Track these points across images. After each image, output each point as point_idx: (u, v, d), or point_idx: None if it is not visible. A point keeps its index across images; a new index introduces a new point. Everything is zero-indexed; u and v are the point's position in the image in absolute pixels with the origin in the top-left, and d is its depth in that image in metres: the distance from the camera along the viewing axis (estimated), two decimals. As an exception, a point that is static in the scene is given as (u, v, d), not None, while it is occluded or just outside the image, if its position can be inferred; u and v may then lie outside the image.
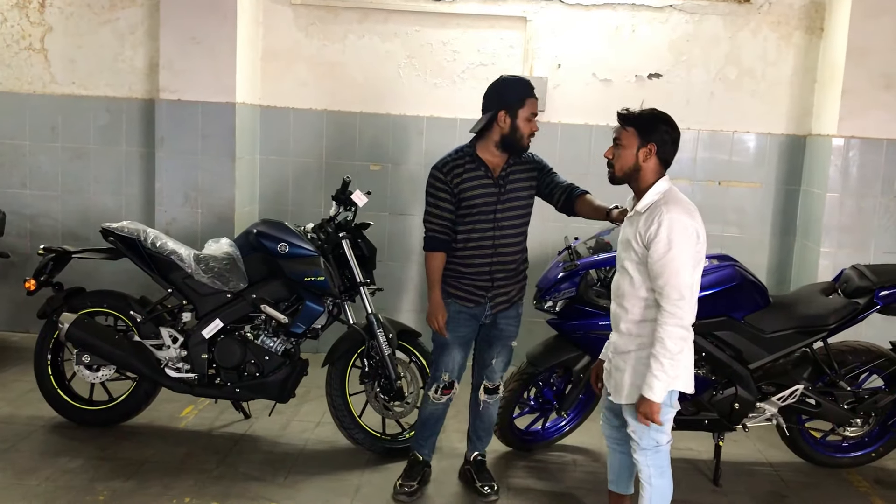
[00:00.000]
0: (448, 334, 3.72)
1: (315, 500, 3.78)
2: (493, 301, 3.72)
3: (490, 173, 3.62)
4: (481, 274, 3.67)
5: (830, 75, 5.37)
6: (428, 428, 3.93)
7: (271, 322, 4.22)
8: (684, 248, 2.92)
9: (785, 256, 5.76)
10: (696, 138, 5.69)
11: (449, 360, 3.77)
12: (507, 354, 3.87)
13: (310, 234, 4.24)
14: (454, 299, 3.72)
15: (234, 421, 4.62)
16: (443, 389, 3.80)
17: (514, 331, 3.84)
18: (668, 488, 3.21)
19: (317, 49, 5.76)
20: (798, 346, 4.04)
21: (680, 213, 2.94)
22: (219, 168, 5.52)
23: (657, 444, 3.16)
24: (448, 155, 3.69)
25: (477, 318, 3.76)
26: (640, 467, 3.20)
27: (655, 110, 3.14)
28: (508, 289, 3.75)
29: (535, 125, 3.61)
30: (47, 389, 4.43)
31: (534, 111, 3.59)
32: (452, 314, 3.72)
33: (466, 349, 3.83)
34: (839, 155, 5.23)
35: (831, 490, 4.17)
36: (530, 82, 3.66)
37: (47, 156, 5.90)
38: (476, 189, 3.60)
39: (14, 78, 5.85)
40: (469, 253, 3.66)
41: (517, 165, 3.69)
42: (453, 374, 3.79)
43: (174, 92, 5.50)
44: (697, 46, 5.63)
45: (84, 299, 4.39)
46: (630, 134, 3.07)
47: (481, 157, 3.63)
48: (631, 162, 3.07)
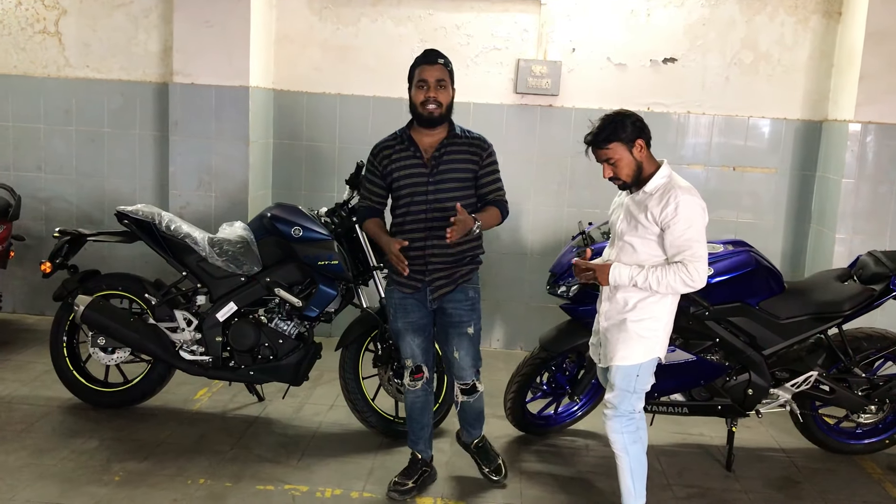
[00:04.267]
0: (398, 322, 3.66)
1: (328, 482, 3.80)
2: (431, 285, 3.59)
3: (420, 154, 3.56)
4: (416, 257, 3.54)
5: (848, 60, 5.31)
6: (415, 420, 3.78)
7: (285, 305, 4.24)
8: (700, 224, 3.14)
9: (800, 242, 5.72)
10: (710, 123, 5.65)
11: (406, 347, 3.68)
12: (468, 346, 3.65)
13: (323, 218, 4.25)
14: (395, 286, 3.67)
15: (248, 403, 4.65)
16: (412, 375, 3.68)
17: (465, 315, 3.63)
18: (643, 454, 3.35)
19: (330, 33, 5.74)
20: (813, 333, 4.02)
21: (690, 194, 3.14)
22: (232, 152, 5.53)
23: (633, 410, 3.31)
24: (384, 138, 3.69)
25: (424, 305, 3.64)
26: (613, 437, 3.33)
27: (609, 115, 3.22)
28: (449, 271, 3.59)
29: (431, 91, 3.47)
30: (63, 371, 4.47)
31: (422, 77, 3.49)
32: (398, 301, 3.66)
33: (423, 333, 3.68)
34: (856, 140, 5.19)
35: (844, 476, 4.16)
36: (430, 51, 3.58)
37: (62, 139, 5.92)
38: (405, 170, 3.57)
39: (29, 61, 5.87)
40: (404, 236, 3.55)
41: (454, 146, 3.58)
42: (417, 359, 3.67)
43: (188, 75, 5.50)
44: (713, 30, 5.58)
45: (99, 282, 4.41)
46: (615, 147, 3.18)
47: (414, 138, 3.59)
48: (633, 166, 3.21)
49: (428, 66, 3.52)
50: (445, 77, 3.53)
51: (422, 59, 3.56)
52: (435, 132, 3.58)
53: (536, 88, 5.58)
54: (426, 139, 3.58)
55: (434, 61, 3.53)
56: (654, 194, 3.17)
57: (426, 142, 3.58)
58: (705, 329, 3.90)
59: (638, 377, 3.26)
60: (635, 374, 3.26)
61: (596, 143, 3.19)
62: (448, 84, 3.54)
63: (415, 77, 3.54)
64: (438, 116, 3.52)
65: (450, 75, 3.56)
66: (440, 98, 3.50)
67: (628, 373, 3.26)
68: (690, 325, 3.86)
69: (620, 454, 3.33)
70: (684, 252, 3.11)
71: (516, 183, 5.19)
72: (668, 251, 3.15)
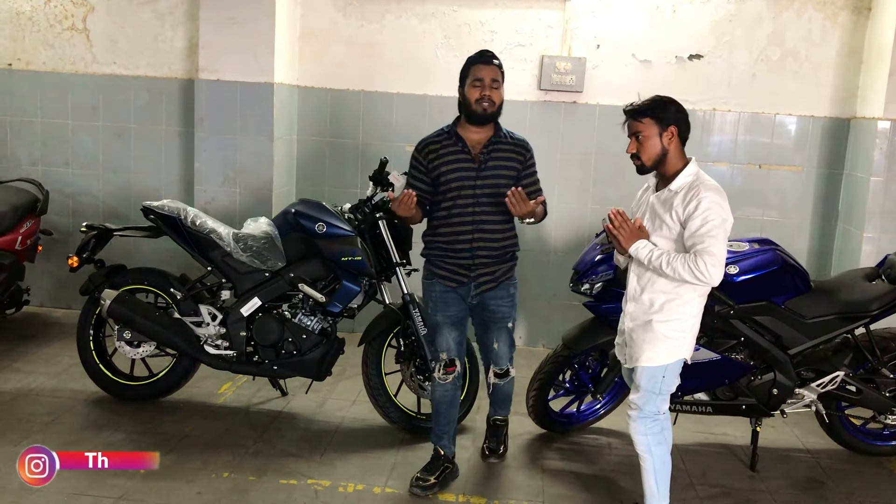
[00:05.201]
0: (438, 315, 3.75)
1: (351, 478, 3.81)
2: (476, 281, 3.70)
3: (468, 150, 3.66)
4: (462, 252, 3.67)
5: (877, 56, 5.24)
6: (441, 415, 3.83)
7: (308, 301, 4.26)
8: (719, 222, 3.05)
9: (826, 241, 5.66)
10: (736, 120, 5.60)
11: (443, 340, 3.76)
12: (506, 338, 3.83)
13: (347, 215, 4.26)
14: (438, 279, 3.75)
15: (272, 398, 4.68)
16: (445, 368, 3.76)
17: (507, 311, 3.80)
18: (667, 456, 3.32)
19: (354, 29, 5.75)
20: (839, 332, 3.98)
21: (716, 194, 3.08)
22: (257, 148, 5.56)
23: (658, 412, 3.28)
24: (429, 134, 3.78)
25: (464, 299, 3.75)
26: (637, 438, 3.31)
27: (660, 96, 3.21)
28: (493, 268, 3.72)
29: (486, 90, 3.58)
30: (89, 364, 4.52)
31: (478, 76, 3.60)
32: (439, 294, 3.75)
33: (460, 327, 3.80)
34: (885, 138, 5.12)
35: (870, 478, 4.12)
36: (484, 52, 3.70)
37: (89, 135, 5.98)
38: (452, 164, 3.66)
39: (57, 58, 5.93)
40: (450, 230, 3.68)
41: (500, 144, 3.70)
42: (451, 353, 3.76)
43: (213, 72, 5.54)
44: (740, 27, 5.53)
45: (125, 276, 4.46)
46: (648, 124, 3.16)
47: (461, 135, 3.69)
48: (658, 149, 3.17)
49: (484, 65, 3.63)
50: (499, 77, 3.64)
51: (477, 59, 3.67)
52: (482, 130, 3.68)
53: (560, 85, 5.56)
54: (473, 136, 3.68)
55: (490, 61, 3.64)
56: (679, 192, 3.13)
57: (473, 139, 3.68)
58: (730, 328, 3.87)
59: (664, 378, 3.23)
60: (661, 376, 3.22)
61: (633, 113, 3.19)
62: (500, 84, 3.65)
63: (469, 75, 3.64)
64: (490, 114, 3.63)
65: (502, 76, 3.67)
66: (494, 97, 3.61)
67: (654, 374, 3.23)
68: (715, 324, 3.84)
69: (644, 455, 3.31)
70: (699, 246, 3.04)
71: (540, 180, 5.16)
72: (686, 245, 3.10)
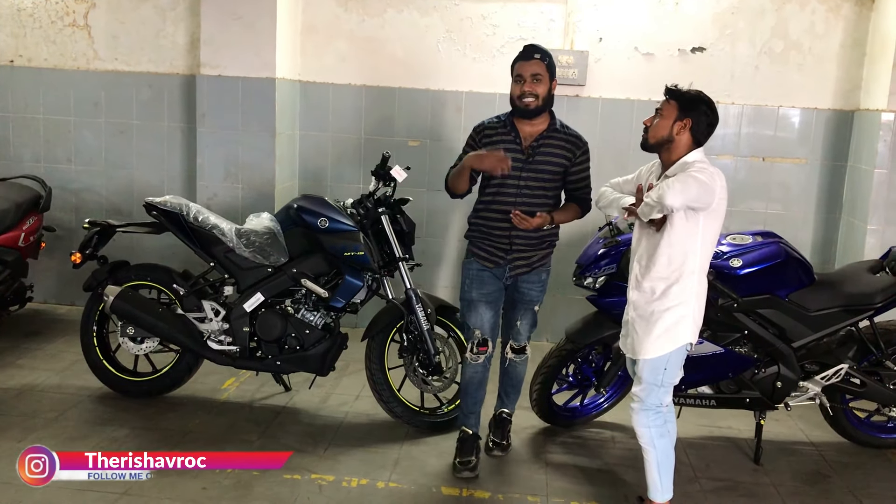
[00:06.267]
0: (473, 292, 3.86)
1: (355, 472, 3.82)
2: (511, 264, 3.83)
3: (520, 141, 3.76)
4: (501, 237, 3.80)
5: (881, 48, 5.22)
6: (470, 395, 3.95)
7: (311, 296, 4.25)
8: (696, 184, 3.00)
9: (830, 234, 5.65)
10: (740, 113, 5.59)
11: (477, 318, 3.86)
12: (530, 318, 3.97)
13: (349, 210, 4.25)
14: (475, 258, 3.89)
15: (275, 393, 4.68)
16: (478, 346, 3.87)
17: (536, 295, 3.93)
18: (670, 448, 3.32)
19: (356, 24, 5.74)
20: (843, 325, 3.98)
21: (706, 166, 3.10)
22: (259, 143, 5.55)
23: (660, 403, 3.28)
24: (489, 118, 3.90)
25: (499, 279, 3.86)
26: (640, 430, 3.31)
27: (702, 92, 3.23)
28: (528, 254, 3.84)
29: (528, 85, 3.67)
30: (93, 361, 4.53)
31: (520, 73, 3.70)
32: (475, 272, 3.88)
33: (494, 308, 3.90)
34: (888, 130, 5.10)
35: (875, 471, 4.11)
36: (529, 46, 3.77)
37: (91, 131, 5.98)
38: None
39: (59, 54, 5.93)
40: (492, 215, 3.81)
41: (552, 139, 3.77)
42: (485, 332, 3.86)
43: (215, 67, 5.53)
44: (742, 19, 5.50)
45: (128, 272, 4.46)
46: (671, 106, 3.19)
47: (516, 126, 3.79)
48: (665, 132, 3.18)
49: (524, 61, 3.72)
50: (541, 71, 3.69)
51: (519, 56, 3.76)
52: (536, 122, 3.77)
53: (563, 79, 5.53)
54: (527, 128, 3.78)
55: (530, 57, 3.71)
56: (671, 176, 3.13)
57: (527, 130, 3.78)
58: (734, 321, 3.86)
59: (665, 370, 3.23)
60: (663, 368, 3.23)
61: (668, 91, 3.22)
62: (545, 77, 3.70)
63: (513, 72, 3.76)
64: (535, 108, 3.70)
65: (548, 69, 3.71)
66: (536, 90, 3.68)
67: (655, 366, 3.23)
68: (719, 317, 3.83)
69: (647, 448, 3.31)
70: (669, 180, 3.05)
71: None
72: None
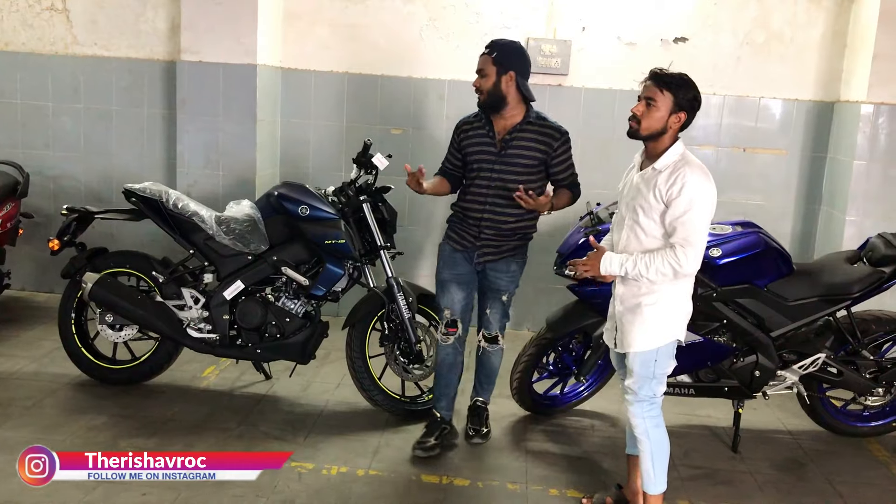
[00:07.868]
0: (445, 272, 3.96)
1: (335, 460, 3.82)
2: (480, 250, 3.90)
3: (493, 135, 3.83)
4: (471, 224, 3.89)
5: (861, 40, 5.25)
6: (442, 377, 4.03)
7: (292, 284, 4.24)
8: (704, 210, 3.02)
9: (810, 224, 5.69)
10: (721, 104, 5.61)
11: (447, 298, 3.95)
12: (499, 308, 4.00)
13: (330, 197, 4.24)
14: (448, 241, 3.99)
15: (255, 381, 4.67)
16: (447, 327, 3.95)
17: (504, 285, 3.95)
18: (665, 439, 3.30)
19: (339, 11, 5.70)
20: (821, 315, 4.00)
21: (701, 175, 3.03)
22: (240, 130, 5.51)
23: (654, 395, 3.25)
24: (468, 115, 3.99)
25: (470, 263, 3.93)
26: (635, 422, 3.26)
27: (686, 76, 3.13)
28: (497, 243, 3.89)
29: (478, 81, 3.79)
30: (71, 348, 4.50)
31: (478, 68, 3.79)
32: (447, 254, 3.98)
33: (466, 290, 3.97)
34: (868, 122, 5.14)
35: (850, 459, 4.16)
36: (490, 42, 3.85)
37: (70, 117, 5.92)
38: (477, 147, 3.87)
39: (36, 38, 5.85)
40: (466, 203, 3.91)
41: (525, 132, 3.81)
42: (455, 312, 3.94)
43: (195, 53, 5.48)
44: (725, 10, 5.52)
45: (107, 259, 4.42)
46: (666, 97, 3.07)
47: (491, 120, 3.85)
48: (660, 125, 3.10)
49: (482, 56, 3.80)
50: (484, 66, 3.76)
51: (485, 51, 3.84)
52: (507, 116, 3.82)
53: (546, 68, 5.54)
54: (500, 122, 3.84)
55: (484, 51, 3.80)
56: (663, 171, 3.06)
57: (500, 124, 3.84)
58: (713, 310, 3.88)
59: (656, 362, 3.18)
60: (653, 360, 3.18)
61: (659, 78, 3.09)
62: (490, 72, 3.74)
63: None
64: (483, 103, 3.81)
65: (495, 62, 3.74)
66: (478, 84, 3.78)
67: (646, 358, 3.18)
68: (698, 307, 3.83)
69: (642, 438, 3.26)
70: (678, 233, 2.99)
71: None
72: (667, 228, 3.04)
